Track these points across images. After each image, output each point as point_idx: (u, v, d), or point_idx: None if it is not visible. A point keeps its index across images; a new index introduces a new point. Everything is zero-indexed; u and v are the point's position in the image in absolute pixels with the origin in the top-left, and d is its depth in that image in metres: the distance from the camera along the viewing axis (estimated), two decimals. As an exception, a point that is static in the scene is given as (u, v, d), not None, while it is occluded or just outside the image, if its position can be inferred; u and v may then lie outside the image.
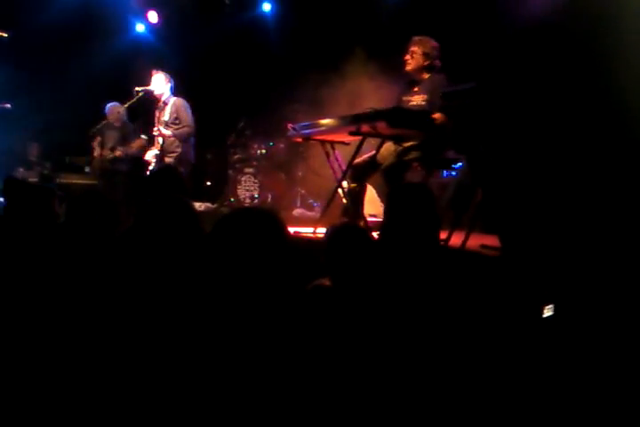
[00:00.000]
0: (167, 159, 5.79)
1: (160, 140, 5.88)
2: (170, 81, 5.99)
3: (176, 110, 5.89)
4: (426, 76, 4.57)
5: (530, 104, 3.66)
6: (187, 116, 5.91)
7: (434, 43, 4.59)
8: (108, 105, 6.72)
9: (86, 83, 7.42)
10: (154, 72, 6.00)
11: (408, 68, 4.60)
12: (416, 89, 4.60)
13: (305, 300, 2.29)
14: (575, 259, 3.14)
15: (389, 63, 5.60)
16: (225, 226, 1.57)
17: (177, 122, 5.88)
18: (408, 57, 4.58)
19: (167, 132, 5.82)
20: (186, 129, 5.87)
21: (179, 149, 5.86)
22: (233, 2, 7.99)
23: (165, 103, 5.94)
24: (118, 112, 6.66)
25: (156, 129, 5.90)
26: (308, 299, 2.27)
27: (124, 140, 6.70)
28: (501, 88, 3.73)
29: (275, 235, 1.54)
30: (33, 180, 7.09)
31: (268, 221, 1.57)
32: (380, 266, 2.36)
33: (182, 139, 5.86)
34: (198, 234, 2.04)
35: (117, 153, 6.64)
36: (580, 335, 2.44)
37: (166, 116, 5.89)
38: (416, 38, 4.60)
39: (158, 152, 5.86)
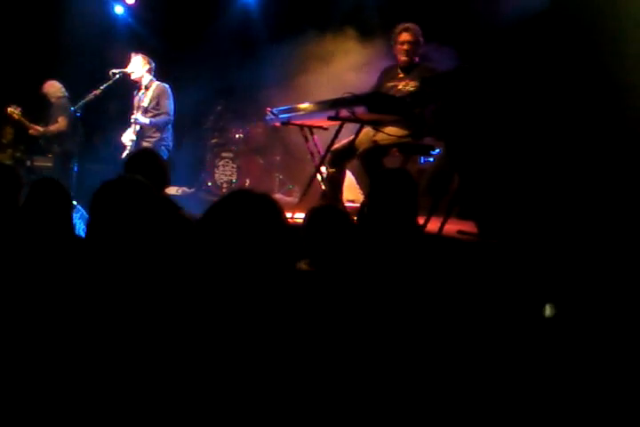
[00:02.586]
0: (144, 144, 5.70)
1: (137, 126, 5.79)
2: (150, 63, 5.84)
3: (157, 96, 5.75)
4: (414, 62, 4.55)
5: (509, 90, 3.67)
6: (167, 103, 5.77)
7: (419, 29, 4.55)
8: (46, 82, 6.58)
9: (63, 65, 7.28)
10: (133, 54, 5.88)
11: (404, 58, 4.52)
12: (401, 75, 4.58)
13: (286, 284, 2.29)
14: (552, 244, 3.18)
15: (370, 48, 5.60)
16: (222, 209, 1.52)
17: (157, 107, 5.75)
18: (405, 46, 4.49)
19: (145, 120, 5.69)
20: (164, 117, 5.74)
21: (156, 135, 5.75)
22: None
23: (147, 88, 5.80)
24: (49, 89, 6.53)
25: (133, 118, 5.76)
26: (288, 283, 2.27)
27: (52, 117, 6.53)
28: (481, 74, 3.74)
29: (276, 221, 1.49)
30: (7, 162, 6.97)
31: (268, 205, 1.51)
32: (359, 250, 2.36)
33: (159, 127, 5.74)
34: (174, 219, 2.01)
35: (31, 131, 6.49)
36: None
37: (146, 101, 5.75)
38: (409, 26, 4.53)
39: (135, 137, 5.75)
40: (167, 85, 5.86)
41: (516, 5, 4.37)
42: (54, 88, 6.58)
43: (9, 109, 6.42)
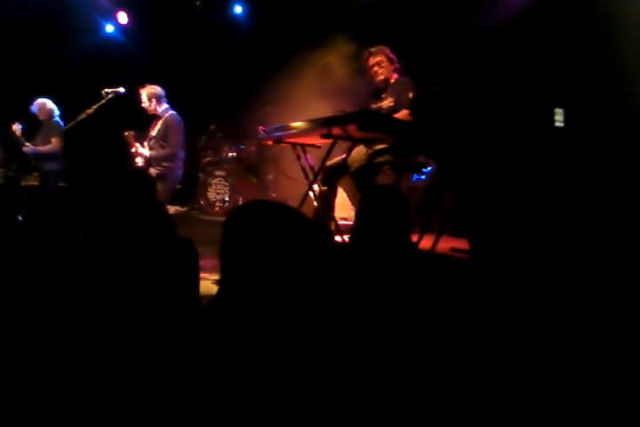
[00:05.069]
0: (152, 170, 5.62)
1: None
2: (156, 92, 5.76)
3: (166, 128, 5.69)
4: (392, 79, 4.68)
5: (499, 108, 3.69)
6: (176, 137, 5.71)
7: (385, 48, 4.73)
8: (36, 100, 6.63)
9: (54, 85, 7.30)
10: (140, 89, 5.80)
11: (380, 77, 4.71)
12: (384, 95, 4.70)
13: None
14: (546, 261, 3.17)
15: (361, 66, 5.63)
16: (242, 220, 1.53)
17: (165, 139, 5.68)
18: (376, 68, 4.68)
19: (146, 152, 5.69)
20: (167, 150, 5.67)
21: (165, 164, 5.68)
22: (204, 4, 7.94)
23: (160, 117, 5.76)
24: (42, 107, 6.59)
25: (134, 150, 5.74)
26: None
27: (44, 137, 6.59)
28: (470, 91, 3.76)
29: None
30: (-2, 182, 6.95)
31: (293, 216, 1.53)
32: (347, 267, 2.35)
33: (160, 161, 5.68)
34: (173, 240, 2.00)
35: (24, 149, 6.54)
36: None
37: (155, 131, 5.74)
38: (373, 49, 4.73)
39: (141, 163, 5.72)
40: (178, 118, 5.79)
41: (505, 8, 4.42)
42: (45, 107, 6.61)
43: (13, 127, 6.54)
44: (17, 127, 6.56)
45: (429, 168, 4.47)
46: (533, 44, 4.56)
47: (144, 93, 5.77)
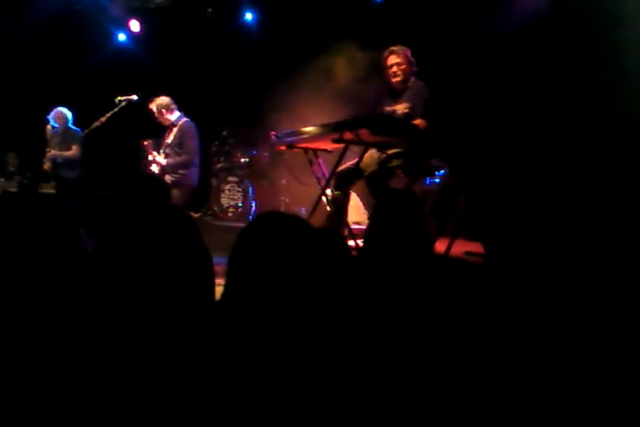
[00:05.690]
0: (168, 177, 5.71)
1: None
2: (165, 102, 5.85)
3: (181, 135, 5.80)
4: (409, 83, 4.60)
5: (511, 110, 3.68)
6: (191, 144, 5.82)
7: (407, 49, 4.63)
8: (54, 109, 6.70)
9: (67, 93, 7.36)
10: (149, 104, 5.91)
11: (398, 79, 4.58)
12: (397, 98, 4.63)
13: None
14: (561, 264, 3.15)
15: (372, 71, 5.64)
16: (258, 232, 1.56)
17: (181, 146, 5.79)
18: (395, 69, 4.57)
19: (162, 161, 5.77)
20: (184, 157, 5.78)
21: (182, 172, 5.78)
22: (215, 11, 7.99)
23: (174, 125, 5.85)
24: (60, 116, 6.65)
25: (151, 158, 5.83)
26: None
27: (63, 144, 6.64)
28: (483, 94, 3.75)
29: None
30: (13, 190, 7.01)
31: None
32: (363, 274, 2.35)
33: (176, 168, 5.77)
34: (194, 243, 2.01)
35: (49, 154, 6.59)
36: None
37: (171, 138, 5.82)
38: (394, 48, 4.61)
39: (157, 171, 5.79)
40: (192, 124, 5.90)
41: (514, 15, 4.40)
42: (63, 116, 6.66)
43: (47, 127, 6.66)
44: (50, 128, 6.68)
45: (442, 171, 4.46)
46: (543, 46, 4.54)
47: (154, 107, 5.86)
